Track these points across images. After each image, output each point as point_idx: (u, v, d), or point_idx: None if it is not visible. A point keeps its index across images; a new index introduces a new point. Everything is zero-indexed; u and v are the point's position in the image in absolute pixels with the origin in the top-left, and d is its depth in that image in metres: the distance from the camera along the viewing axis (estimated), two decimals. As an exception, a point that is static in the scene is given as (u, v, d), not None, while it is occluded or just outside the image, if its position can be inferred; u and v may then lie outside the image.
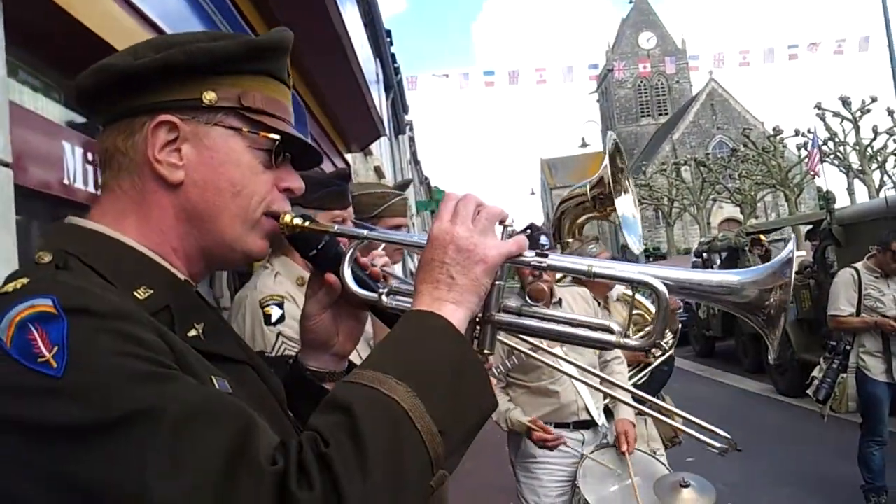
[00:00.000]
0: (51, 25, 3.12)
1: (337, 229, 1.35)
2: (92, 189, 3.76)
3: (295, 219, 1.27)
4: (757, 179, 44.48)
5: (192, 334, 1.11)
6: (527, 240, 1.23)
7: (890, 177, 36.73)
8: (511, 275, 1.26)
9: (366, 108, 10.56)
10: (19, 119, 2.83)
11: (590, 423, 4.20)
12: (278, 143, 1.22)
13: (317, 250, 1.34)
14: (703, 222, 53.80)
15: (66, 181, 3.51)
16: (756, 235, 15.28)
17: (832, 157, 37.24)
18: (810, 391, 6.92)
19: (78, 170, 3.65)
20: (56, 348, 0.87)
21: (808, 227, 14.09)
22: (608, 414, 4.31)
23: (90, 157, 3.76)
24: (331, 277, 1.34)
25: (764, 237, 15.53)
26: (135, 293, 1.07)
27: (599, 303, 4.81)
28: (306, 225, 1.28)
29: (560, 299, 4.23)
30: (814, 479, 7.69)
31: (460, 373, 1.06)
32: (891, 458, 6.58)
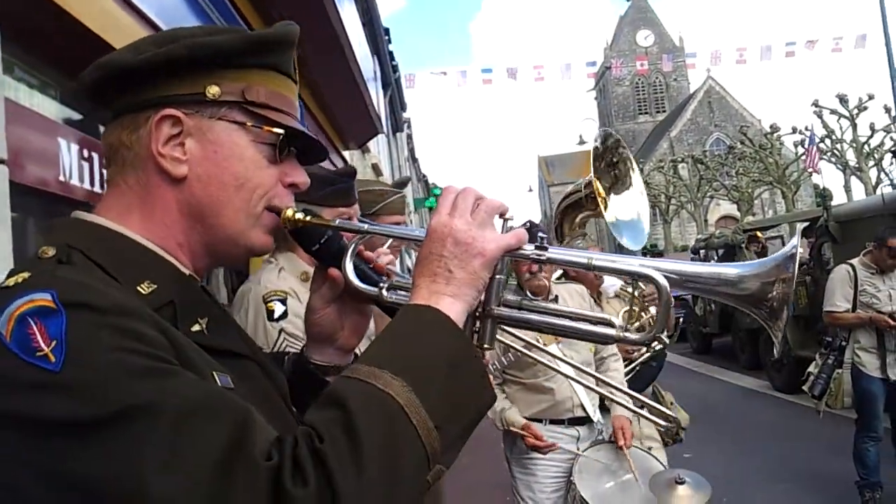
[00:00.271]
0: (47, 22, 3.13)
1: (338, 223, 1.35)
2: (88, 186, 3.77)
3: (297, 213, 1.27)
4: (754, 177, 44.48)
5: (195, 329, 1.11)
6: (526, 233, 1.22)
7: (887, 174, 36.70)
8: (508, 271, 1.26)
9: (363, 106, 10.56)
10: (15, 116, 2.84)
11: (585, 420, 4.21)
12: (283, 137, 1.22)
13: (319, 245, 1.34)
14: (700, 219, 53.79)
15: (62, 178, 3.51)
16: (753, 232, 15.31)
17: (829, 154, 37.25)
18: (806, 387, 6.93)
19: (74, 167, 3.65)
20: (54, 342, 0.87)
21: (805, 224, 14.09)
22: (604, 410, 4.32)
23: (86, 153, 3.76)
24: (334, 272, 1.34)
25: (761, 234, 15.56)
26: (138, 288, 1.07)
27: (595, 299, 4.83)
28: (308, 220, 1.28)
29: (556, 296, 4.24)
30: (809, 474, 7.71)
31: (457, 367, 1.05)
32: (885, 454, 6.59)
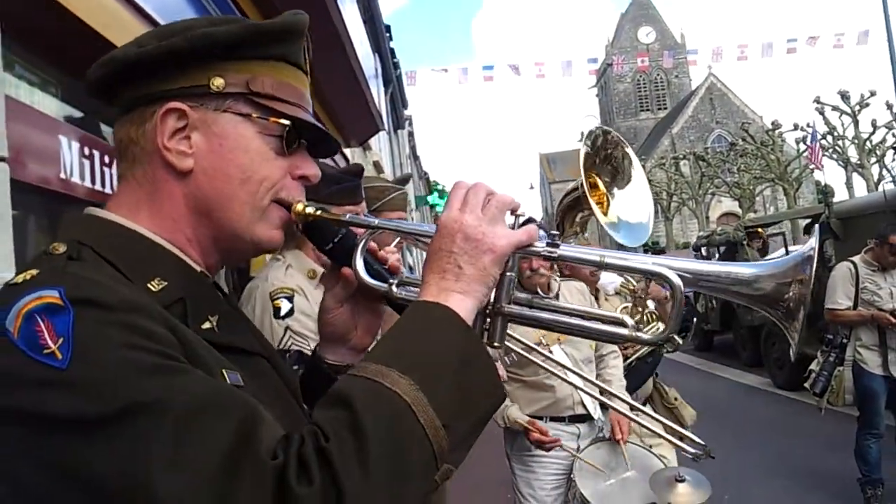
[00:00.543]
0: (48, 20, 3.12)
1: (348, 218, 1.34)
2: (90, 184, 3.76)
3: (307, 208, 1.25)
4: (755, 174, 44.50)
5: (205, 326, 1.11)
6: (537, 229, 1.20)
7: (889, 171, 36.71)
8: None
9: (364, 103, 10.55)
10: (16, 114, 2.83)
11: (585, 417, 4.21)
12: (291, 129, 1.21)
13: (333, 244, 1.33)
14: (701, 216, 53.84)
15: (63, 176, 3.51)
16: (754, 229, 15.28)
17: (831, 151, 37.24)
18: (807, 384, 6.92)
19: (75, 165, 3.64)
20: (61, 340, 0.87)
21: (807, 220, 14.10)
22: (604, 408, 4.32)
23: (87, 151, 3.76)
24: (347, 271, 1.33)
25: (762, 231, 15.53)
26: (148, 285, 1.07)
27: (594, 297, 4.82)
28: (318, 214, 1.26)
29: (558, 293, 4.24)
30: (810, 471, 7.71)
31: (466, 364, 1.04)
32: (887, 451, 6.59)
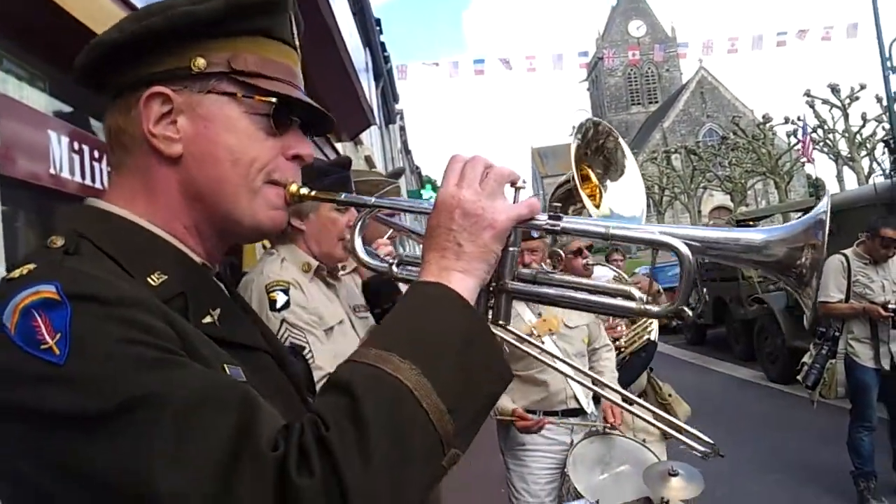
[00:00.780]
0: (36, 14, 3.09)
1: (344, 197, 1.31)
2: (79, 179, 3.74)
3: (301, 189, 1.21)
4: (747, 167, 44.63)
5: (206, 321, 1.08)
6: (539, 203, 1.16)
7: (879, 164, 36.77)
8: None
9: (355, 98, 10.54)
10: (4, 108, 2.81)
11: (579, 411, 4.21)
12: (280, 106, 1.17)
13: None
14: (693, 210, 53.98)
15: (52, 171, 3.49)
16: (746, 223, 15.33)
17: (821, 144, 37.36)
18: (800, 377, 6.95)
19: (65, 159, 3.62)
20: (59, 335, 0.86)
21: (798, 214, 14.12)
22: (597, 402, 4.32)
23: (77, 146, 3.73)
24: None
25: (754, 224, 15.58)
26: (148, 279, 1.05)
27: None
28: (312, 194, 1.22)
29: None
30: (803, 464, 7.73)
31: (469, 345, 1.01)
32: (880, 444, 6.61)
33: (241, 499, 0.83)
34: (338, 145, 12.75)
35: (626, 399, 3.25)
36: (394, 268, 1.29)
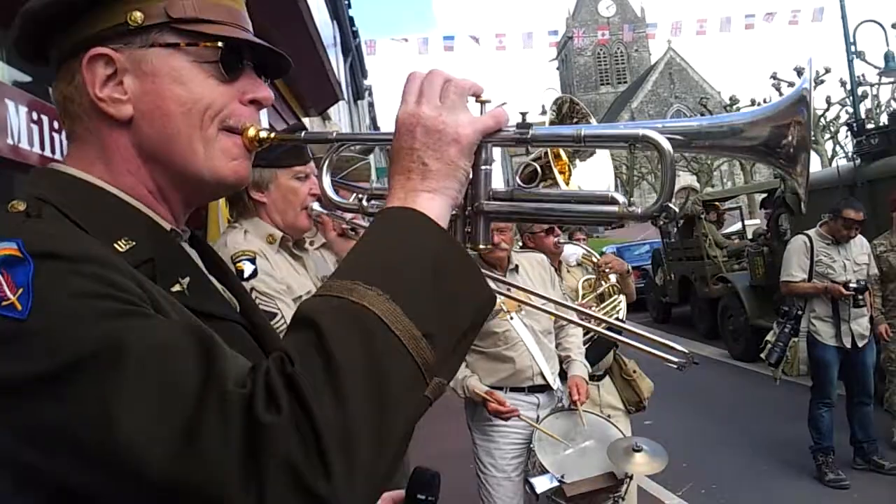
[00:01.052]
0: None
1: (304, 136, 1.26)
2: (38, 150, 3.65)
3: (260, 132, 1.15)
4: (713, 148, 44.97)
5: (175, 289, 1.04)
6: (506, 112, 1.10)
7: (842, 147, 37.39)
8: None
9: (323, 72, 10.42)
10: (-44, 75, 2.72)
11: (545, 388, 4.23)
12: (227, 51, 1.11)
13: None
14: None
15: (10, 142, 3.40)
16: (711, 203, 15.48)
17: (787, 126, 37.74)
18: (763, 355, 7.07)
19: (23, 130, 3.53)
20: (21, 290, 0.83)
21: (763, 195, 14.30)
22: (563, 378, 4.35)
23: (35, 116, 3.64)
24: None
25: (719, 205, 15.75)
26: (115, 245, 1.01)
27: (555, 267, 4.82)
28: (272, 137, 1.16)
29: (517, 265, 4.23)
30: (765, 439, 7.89)
31: (441, 266, 0.95)
32: (838, 420, 6.76)
33: (207, 439, 0.79)
34: (305, 120, 12.62)
35: (614, 328, 3.24)
36: (363, 202, 1.25)
